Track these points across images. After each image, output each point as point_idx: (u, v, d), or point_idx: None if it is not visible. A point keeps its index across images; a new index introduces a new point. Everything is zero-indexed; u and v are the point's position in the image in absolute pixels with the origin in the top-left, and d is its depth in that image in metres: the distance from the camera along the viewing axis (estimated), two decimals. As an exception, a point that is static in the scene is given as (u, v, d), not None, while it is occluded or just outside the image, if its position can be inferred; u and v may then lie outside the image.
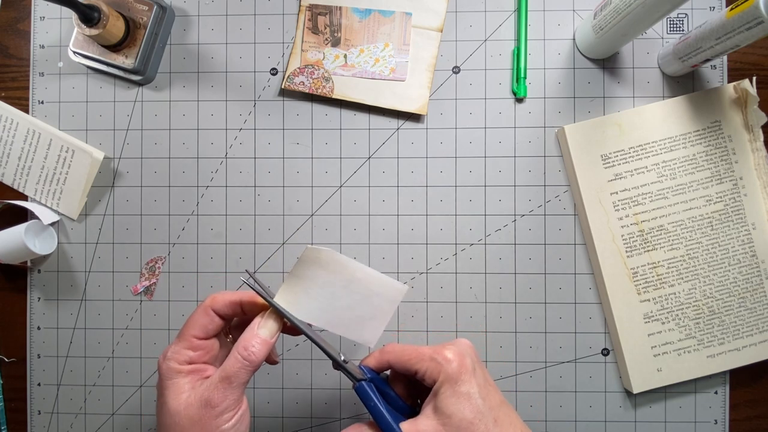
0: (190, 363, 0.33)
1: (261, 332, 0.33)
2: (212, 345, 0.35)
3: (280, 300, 0.33)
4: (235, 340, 0.36)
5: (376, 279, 0.35)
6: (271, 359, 0.39)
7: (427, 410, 0.32)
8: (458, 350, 0.33)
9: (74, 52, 0.48)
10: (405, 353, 0.34)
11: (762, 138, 0.45)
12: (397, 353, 0.34)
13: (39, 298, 0.50)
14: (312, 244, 0.48)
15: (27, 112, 0.50)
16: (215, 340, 0.35)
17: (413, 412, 0.35)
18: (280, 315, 0.33)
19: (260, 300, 0.35)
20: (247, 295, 0.35)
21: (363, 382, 0.34)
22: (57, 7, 0.49)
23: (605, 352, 0.47)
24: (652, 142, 0.46)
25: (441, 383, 0.32)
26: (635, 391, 0.45)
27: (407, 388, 0.36)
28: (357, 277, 0.34)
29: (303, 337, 0.35)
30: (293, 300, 0.33)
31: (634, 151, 0.46)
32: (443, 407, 0.31)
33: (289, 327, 0.34)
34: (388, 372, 0.37)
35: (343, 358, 0.35)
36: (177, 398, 0.32)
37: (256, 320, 0.33)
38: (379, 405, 0.33)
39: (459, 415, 0.31)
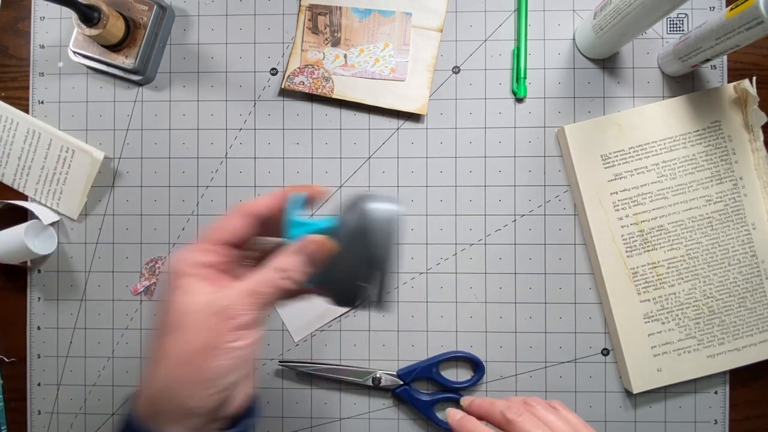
0: (209, 267, 0.29)
1: (300, 259, 0.28)
2: (235, 257, 0.30)
3: None
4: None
5: None
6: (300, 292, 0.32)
7: None
8: None
9: (74, 52, 0.48)
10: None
11: (762, 138, 0.45)
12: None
13: (39, 298, 0.50)
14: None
15: (27, 112, 0.50)
16: (238, 253, 0.30)
17: None
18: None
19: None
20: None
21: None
22: (57, 7, 0.49)
23: (605, 352, 0.47)
24: (652, 142, 0.46)
25: None
26: (635, 391, 0.45)
27: None
28: None
29: (301, 340, 0.34)
30: None
31: (634, 151, 0.46)
32: None
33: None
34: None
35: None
36: (187, 299, 0.27)
37: (297, 244, 0.29)
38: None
39: None
